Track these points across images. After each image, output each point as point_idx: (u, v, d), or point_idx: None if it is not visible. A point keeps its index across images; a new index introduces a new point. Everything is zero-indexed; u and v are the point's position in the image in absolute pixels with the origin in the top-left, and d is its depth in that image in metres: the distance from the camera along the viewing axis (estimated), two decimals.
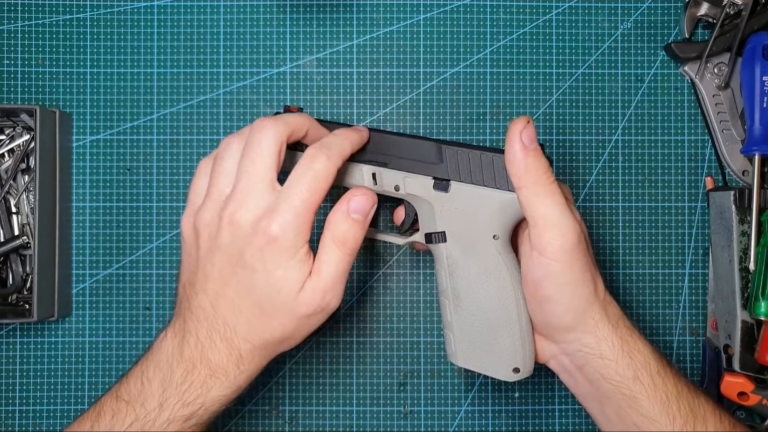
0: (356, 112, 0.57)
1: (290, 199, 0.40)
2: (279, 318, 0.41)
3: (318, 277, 0.41)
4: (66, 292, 0.55)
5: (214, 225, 0.41)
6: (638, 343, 0.43)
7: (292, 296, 0.40)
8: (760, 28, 0.55)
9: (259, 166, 0.41)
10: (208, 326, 0.41)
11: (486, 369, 0.46)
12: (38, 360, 0.56)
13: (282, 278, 0.40)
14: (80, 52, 0.56)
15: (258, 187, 0.40)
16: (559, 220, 0.41)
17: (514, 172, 0.42)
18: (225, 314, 0.41)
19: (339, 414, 0.56)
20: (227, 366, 0.41)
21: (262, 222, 0.40)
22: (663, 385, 0.43)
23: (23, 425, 0.55)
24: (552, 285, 0.42)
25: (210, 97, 0.57)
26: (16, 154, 0.55)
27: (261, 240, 0.40)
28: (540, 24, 0.57)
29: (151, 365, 0.42)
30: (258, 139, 0.41)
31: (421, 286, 0.57)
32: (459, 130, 0.57)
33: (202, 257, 0.42)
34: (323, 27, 0.57)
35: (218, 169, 0.43)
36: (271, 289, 0.40)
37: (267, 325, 0.41)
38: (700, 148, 0.57)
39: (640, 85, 0.57)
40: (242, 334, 0.41)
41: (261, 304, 0.41)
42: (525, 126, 0.42)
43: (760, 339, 0.52)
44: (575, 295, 0.42)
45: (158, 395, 0.41)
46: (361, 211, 0.42)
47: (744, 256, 0.52)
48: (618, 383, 0.43)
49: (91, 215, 0.56)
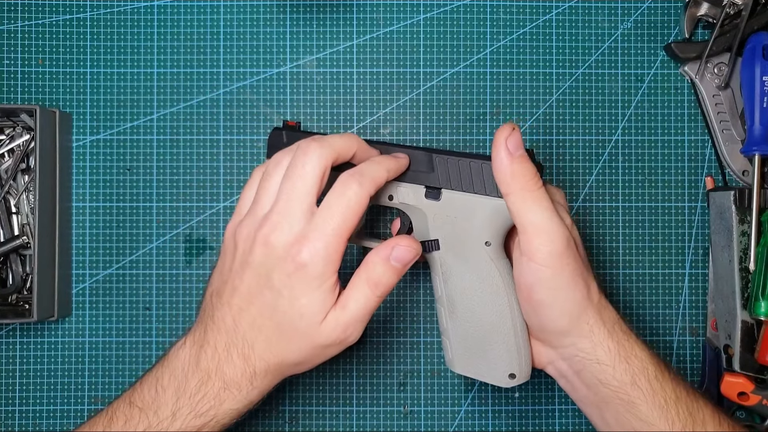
0: (356, 112, 0.57)
1: (322, 226, 0.40)
2: (297, 343, 0.41)
3: (343, 311, 0.41)
4: (66, 292, 0.55)
5: (249, 241, 0.42)
6: (635, 347, 0.43)
7: (313, 325, 0.41)
8: (760, 28, 0.55)
9: (299, 190, 0.41)
10: (228, 339, 0.42)
11: (482, 375, 0.46)
12: (38, 360, 0.56)
13: (306, 306, 0.40)
14: (80, 52, 0.56)
15: (295, 211, 0.41)
16: (548, 225, 0.41)
17: (501, 178, 0.42)
18: (245, 330, 0.42)
19: (339, 414, 0.56)
20: (241, 381, 0.41)
21: (293, 247, 0.40)
22: (661, 390, 0.43)
23: (23, 425, 0.55)
24: (544, 290, 0.42)
25: (210, 97, 0.57)
26: (16, 154, 0.55)
27: (290, 266, 0.40)
28: (540, 24, 0.57)
29: (166, 373, 0.42)
30: (302, 162, 0.41)
31: (421, 287, 0.57)
32: (459, 130, 0.57)
33: (233, 270, 0.43)
34: (323, 27, 0.57)
35: (264, 185, 0.43)
36: (294, 314, 0.41)
37: (284, 347, 0.41)
38: (700, 148, 0.57)
39: (640, 85, 0.57)
40: (259, 352, 0.41)
41: (282, 326, 0.41)
42: (510, 133, 0.42)
43: (760, 339, 0.52)
44: (568, 300, 0.42)
45: (171, 404, 0.41)
46: (401, 260, 0.42)
47: (744, 256, 0.52)
48: (616, 388, 0.43)
49: (91, 215, 0.56)
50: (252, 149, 0.56)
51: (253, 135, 0.56)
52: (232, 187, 0.56)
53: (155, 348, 0.56)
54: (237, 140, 0.56)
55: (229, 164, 0.56)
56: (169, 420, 0.41)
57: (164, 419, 0.41)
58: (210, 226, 0.56)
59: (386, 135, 0.57)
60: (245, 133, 0.57)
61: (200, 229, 0.56)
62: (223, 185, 0.56)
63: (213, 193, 0.56)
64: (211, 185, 0.56)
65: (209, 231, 0.56)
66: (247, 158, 0.56)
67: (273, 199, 0.42)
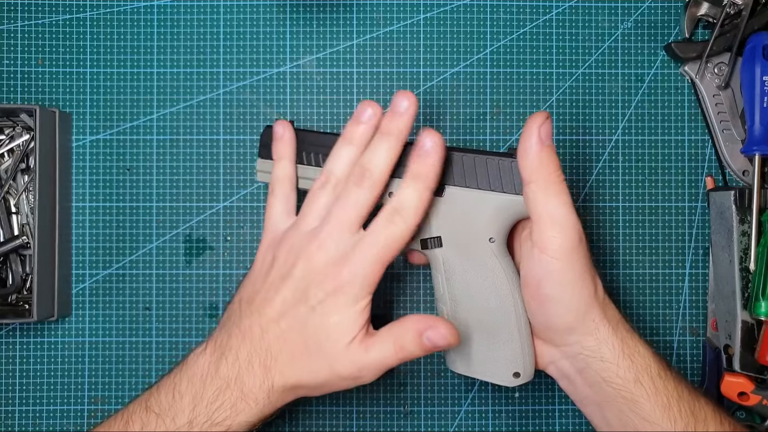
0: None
1: (367, 252, 0.41)
2: (318, 363, 0.41)
3: (365, 353, 0.41)
4: (66, 292, 0.55)
5: (292, 255, 0.42)
6: (638, 345, 0.43)
7: (338, 346, 0.41)
8: (760, 28, 0.55)
9: (350, 215, 0.42)
10: (251, 348, 0.42)
11: (486, 375, 0.46)
12: (38, 360, 0.56)
13: (335, 325, 0.41)
14: (80, 52, 0.56)
15: (343, 233, 0.42)
16: (564, 218, 0.41)
17: (527, 164, 0.42)
18: (271, 341, 0.42)
19: (339, 414, 0.56)
20: (258, 393, 0.41)
21: (335, 266, 0.41)
22: (664, 388, 0.43)
23: (23, 425, 0.55)
24: (552, 284, 0.42)
25: (210, 97, 0.57)
26: (16, 154, 0.55)
27: (330, 284, 0.41)
28: (540, 24, 0.57)
29: (184, 379, 0.42)
30: (355, 191, 0.43)
31: (421, 286, 0.57)
32: (459, 130, 0.57)
33: (270, 281, 0.43)
34: (323, 27, 0.57)
35: (312, 206, 0.44)
36: (322, 332, 0.41)
37: (305, 365, 0.41)
38: (700, 148, 0.57)
39: (640, 85, 0.57)
40: (281, 367, 0.41)
41: (308, 343, 0.41)
42: (543, 121, 0.42)
43: (760, 339, 0.52)
44: (575, 295, 0.42)
45: (188, 411, 0.41)
46: (433, 342, 0.42)
47: (744, 256, 0.52)
48: (619, 386, 0.43)
49: (91, 215, 0.56)
50: (252, 149, 0.56)
51: (253, 135, 0.56)
52: (232, 187, 0.56)
53: (155, 348, 0.56)
54: (237, 140, 0.56)
55: (229, 164, 0.56)
56: (186, 427, 0.41)
57: (181, 426, 0.41)
58: (210, 226, 0.56)
59: None
60: (245, 133, 0.56)
61: (200, 229, 0.56)
62: (223, 185, 0.56)
63: (213, 193, 0.56)
64: (211, 185, 0.56)
65: (209, 231, 0.56)
66: (247, 158, 0.56)
67: (321, 215, 0.43)
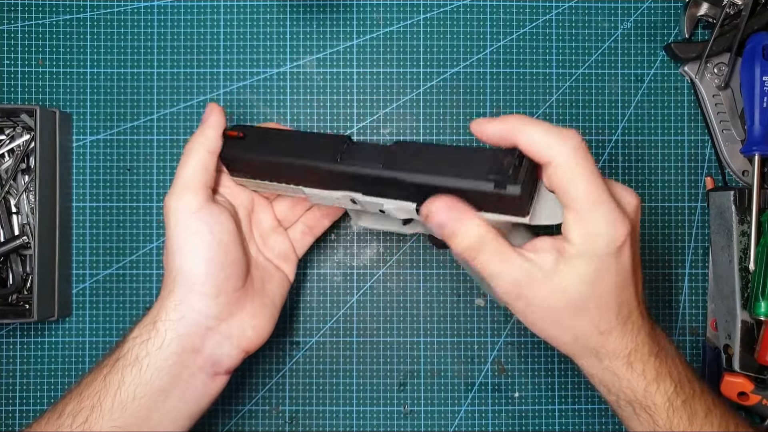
0: (356, 112, 0.57)
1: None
2: None
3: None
4: (66, 292, 0.55)
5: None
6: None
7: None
8: (760, 28, 0.55)
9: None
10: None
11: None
12: (38, 360, 0.56)
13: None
14: (80, 52, 0.56)
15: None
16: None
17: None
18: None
19: (339, 414, 0.56)
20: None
21: None
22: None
23: (23, 425, 0.55)
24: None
25: (210, 97, 0.56)
26: (16, 154, 0.55)
27: None
28: (540, 24, 0.57)
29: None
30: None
31: (421, 286, 0.57)
32: (459, 130, 0.57)
33: None
34: (323, 27, 0.57)
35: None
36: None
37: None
38: (700, 148, 0.57)
39: (640, 85, 0.57)
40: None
41: None
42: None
43: (760, 339, 0.52)
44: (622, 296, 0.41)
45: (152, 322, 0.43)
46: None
47: (744, 256, 0.52)
48: (632, 400, 0.41)
49: (91, 215, 0.56)
50: None
51: None
52: None
53: None
54: None
55: None
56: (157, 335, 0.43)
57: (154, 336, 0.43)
58: None
59: (386, 135, 0.57)
60: None
61: None
62: None
63: None
64: None
65: None
66: None
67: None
